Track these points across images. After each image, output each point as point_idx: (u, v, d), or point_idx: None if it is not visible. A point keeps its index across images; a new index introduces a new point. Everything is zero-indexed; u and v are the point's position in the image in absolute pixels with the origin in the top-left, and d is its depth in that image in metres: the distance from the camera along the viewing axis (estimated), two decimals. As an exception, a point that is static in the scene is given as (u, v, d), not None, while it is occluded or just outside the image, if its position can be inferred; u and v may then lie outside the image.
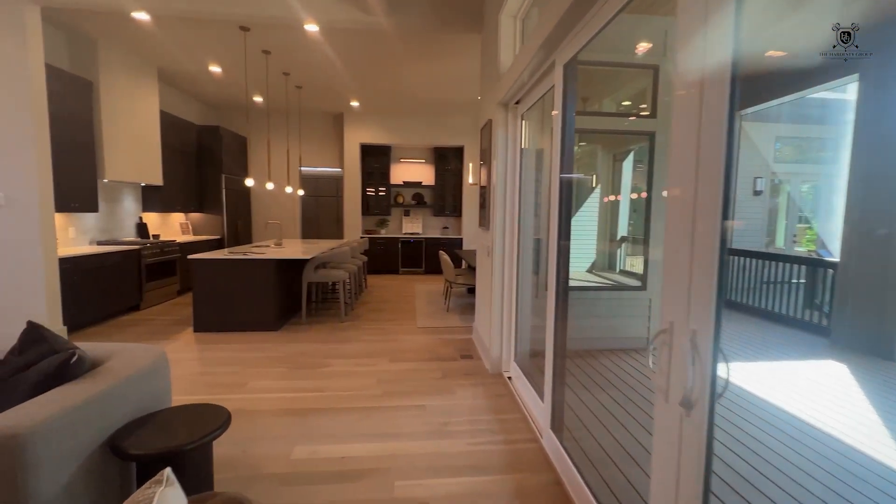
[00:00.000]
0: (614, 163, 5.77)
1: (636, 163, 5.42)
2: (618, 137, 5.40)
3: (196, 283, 4.28)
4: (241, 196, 7.88)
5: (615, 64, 4.07)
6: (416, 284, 7.39)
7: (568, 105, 2.04)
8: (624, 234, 5.97)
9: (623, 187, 5.68)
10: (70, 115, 4.43)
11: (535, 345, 3.36)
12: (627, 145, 5.36)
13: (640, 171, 5.42)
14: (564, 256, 2.16)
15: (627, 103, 5.11)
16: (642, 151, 5.02)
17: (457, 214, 8.89)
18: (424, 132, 8.38)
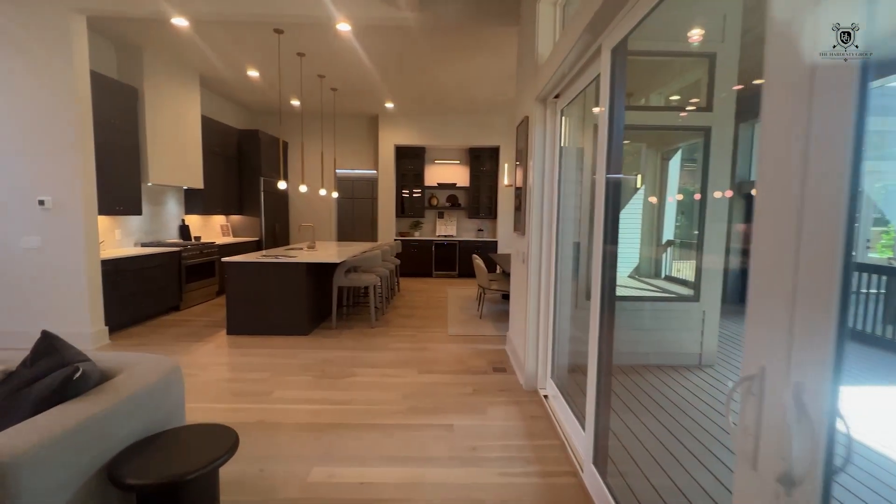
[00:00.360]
0: (661, 162, 5.37)
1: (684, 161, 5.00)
2: (665, 135, 5.01)
3: (229, 286, 4.30)
4: (279, 199, 8.00)
5: (665, 53, 3.72)
6: (449, 288, 7.21)
7: (616, 96, 1.79)
8: (670, 238, 5.55)
9: (669, 188, 5.27)
10: (116, 121, 4.58)
11: (574, 359, 3.09)
12: (675, 143, 4.95)
13: (687, 170, 4.99)
14: (611, 263, 1.91)
15: (675, 97, 4.72)
16: (690, 149, 4.61)
17: (492, 217, 8.66)
18: (459, 133, 8.20)
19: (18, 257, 3.76)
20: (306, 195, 8.51)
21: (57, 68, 3.63)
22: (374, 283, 4.67)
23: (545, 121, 2.89)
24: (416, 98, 6.96)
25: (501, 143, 8.22)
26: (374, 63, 5.38)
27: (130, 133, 4.81)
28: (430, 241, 8.42)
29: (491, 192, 8.60)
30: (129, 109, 4.78)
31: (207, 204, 6.36)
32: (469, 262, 8.30)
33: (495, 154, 8.51)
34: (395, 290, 6.59)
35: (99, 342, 3.92)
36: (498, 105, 7.39)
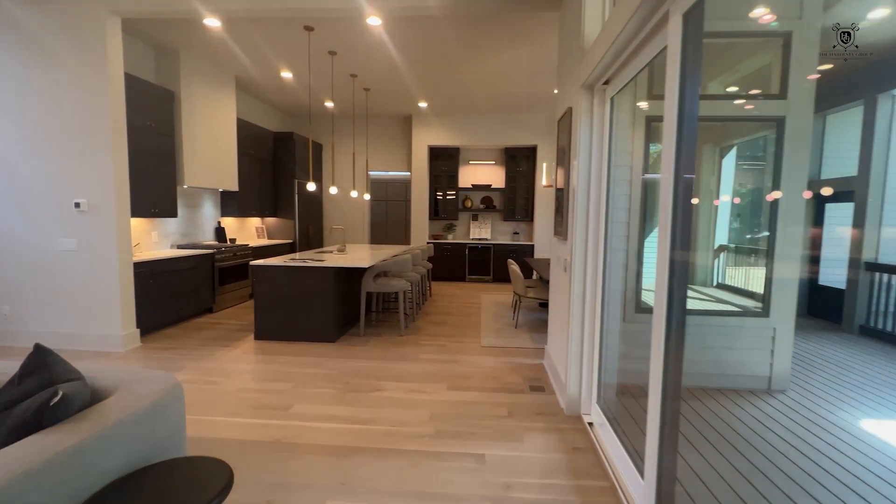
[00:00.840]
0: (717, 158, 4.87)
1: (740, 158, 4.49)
2: (722, 129, 4.51)
3: (257, 291, 4.21)
4: (313, 201, 7.99)
5: (732, 34, 3.29)
6: (483, 294, 6.92)
7: (688, 75, 1.46)
8: (723, 243, 5.03)
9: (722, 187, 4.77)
10: (152, 123, 4.61)
11: (623, 379, 2.73)
12: (732, 138, 4.45)
13: (745, 168, 4.49)
14: (680, 273, 1.58)
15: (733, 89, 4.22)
16: (748, 145, 4.11)
17: (528, 219, 8.28)
18: (494, 132, 7.90)
19: (55, 259, 3.82)
20: (340, 197, 8.48)
21: (92, 71, 3.65)
22: (403, 289, 4.46)
23: (592, 111, 2.56)
24: (450, 97, 6.73)
25: (539, 141, 7.85)
26: (406, 60, 5.19)
27: (167, 136, 4.84)
28: (464, 244, 8.16)
29: (527, 193, 8.24)
30: (165, 112, 4.82)
31: (242, 206, 6.39)
32: (504, 266, 7.97)
33: (532, 154, 8.14)
34: (426, 295, 6.37)
35: (130, 345, 3.92)
36: (535, 101, 7.03)
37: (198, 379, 3.19)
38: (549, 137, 7.81)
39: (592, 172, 2.56)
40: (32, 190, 3.78)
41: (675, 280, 1.55)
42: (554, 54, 4.88)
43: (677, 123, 1.46)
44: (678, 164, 1.46)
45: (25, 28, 3.64)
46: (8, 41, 3.68)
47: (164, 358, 3.67)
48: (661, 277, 1.57)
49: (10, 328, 3.92)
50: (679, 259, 1.54)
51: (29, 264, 3.85)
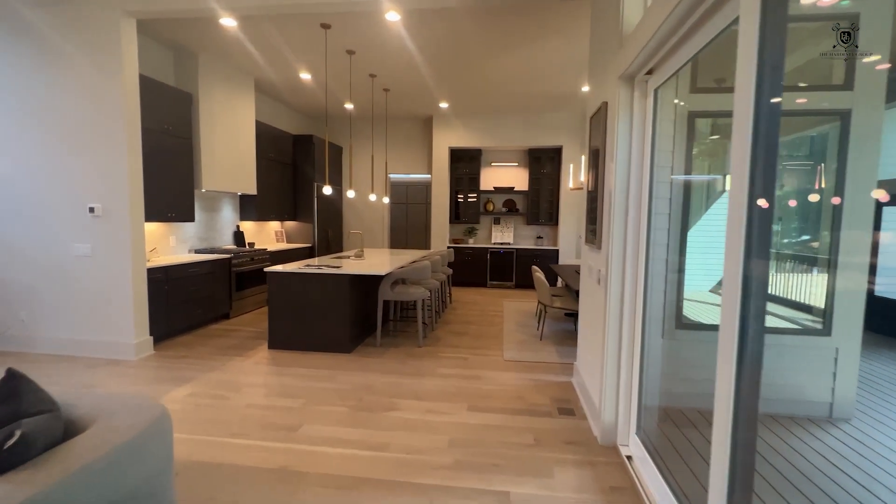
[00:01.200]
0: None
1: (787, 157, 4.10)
2: None
3: (271, 298, 4.07)
4: (332, 204, 7.89)
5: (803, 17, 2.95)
6: (506, 301, 6.64)
7: (768, 54, 1.19)
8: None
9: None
10: (170, 126, 4.55)
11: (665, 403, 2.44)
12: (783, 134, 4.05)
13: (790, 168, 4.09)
14: (758, 284, 1.30)
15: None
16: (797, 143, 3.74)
17: (552, 223, 7.96)
18: (518, 133, 7.62)
19: (71, 264, 3.76)
20: (359, 201, 8.36)
21: (107, 74, 3.59)
22: (422, 298, 4.24)
23: (632, 105, 2.28)
24: (471, 96, 6.50)
25: (564, 142, 7.53)
26: (426, 58, 4.99)
27: (184, 139, 4.78)
28: (486, 248, 7.91)
29: (552, 196, 7.92)
30: (183, 115, 4.76)
31: (261, 210, 6.31)
32: (527, 272, 7.68)
33: (557, 155, 7.83)
34: (446, 302, 6.15)
35: (142, 353, 3.83)
36: (560, 100, 6.73)
37: (206, 392, 3.05)
38: (576, 138, 7.49)
39: (632, 175, 2.29)
40: (48, 194, 3.75)
41: (750, 292, 1.28)
42: (581, 48, 4.60)
43: (754, 117, 1.19)
44: (754, 163, 1.19)
45: (38, 31, 3.61)
46: (21, 44, 3.65)
47: (174, 368, 3.56)
48: (731, 289, 1.30)
49: (27, 334, 3.89)
50: (756, 269, 1.26)
51: (45, 270, 3.81)
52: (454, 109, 7.29)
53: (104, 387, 3.14)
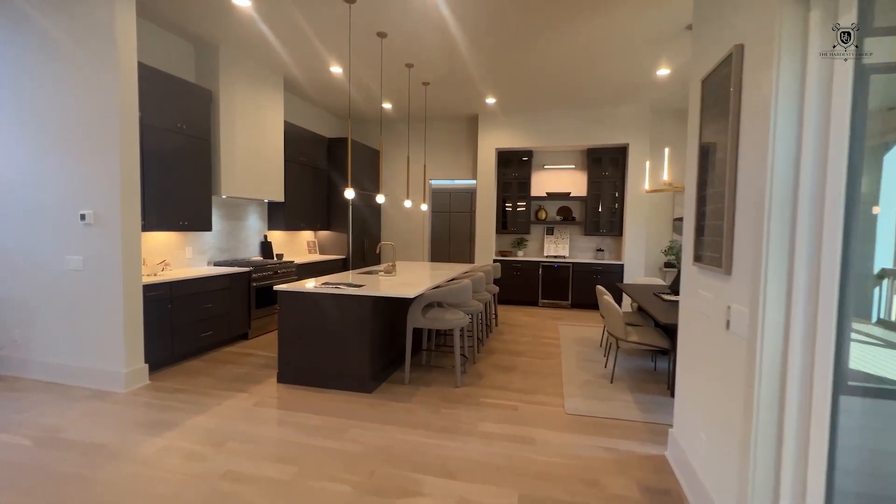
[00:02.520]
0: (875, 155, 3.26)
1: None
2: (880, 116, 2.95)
3: (281, 322, 3.43)
4: (370, 213, 7.31)
5: None
6: (561, 324, 5.67)
7: None
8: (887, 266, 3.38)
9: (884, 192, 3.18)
10: (185, 126, 4.10)
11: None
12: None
13: None
14: None
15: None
16: None
17: (615, 233, 6.89)
18: (575, 130, 6.67)
19: (63, 279, 3.32)
20: (398, 209, 7.73)
21: (99, 62, 3.13)
22: (459, 327, 3.43)
23: (805, 41, 1.36)
24: (522, 88, 5.67)
25: (631, 139, 6.48)
26: (469, 43, 4.24)
27: (201, 139, 4.32)
28: (537, 262, 6.96)
29: (615, 202, 6.87)
30: (200, 114, 4.30)
31: (290, 219, 5.80)
32: (585, 289, 6.66)
33: (621, 155, 6.78)
34: (491, 324, 5.28)
35: (134, 384, 3.29)
36: (626, 90, 5.73)
37: (181, 449, 2.40)
38: (643, 134, 6.42)
39: (807, 159, 1.36)
40: (39, 200, 3.33)
41: None
42: (652, 21, 3.65)
43: None
44: None
45: (21, 11, 3.21)
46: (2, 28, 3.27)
47: (162, 406, 2.97)
48: None
49: (20, 356, 3.48)
50: None
51: (40, 284, 3.40)
52: (502, 105, 6.48)
53: (73, 430, 2.59)
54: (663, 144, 6.62)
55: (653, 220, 6.78)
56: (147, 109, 3.71)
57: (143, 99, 3.65)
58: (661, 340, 3.37)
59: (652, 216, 6.77)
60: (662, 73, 4.99)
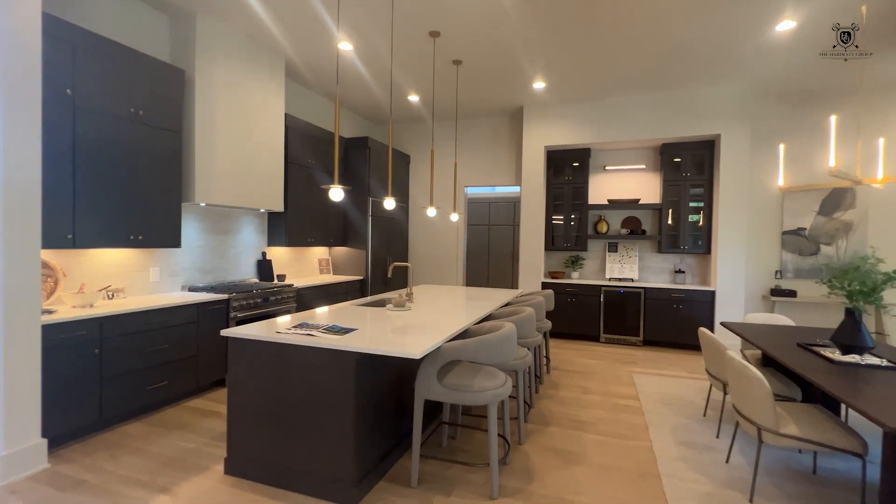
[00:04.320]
0: None
1: None
2: None
3: (231, 385, 2.31)
4: (394, 225, 6.23)
5: None
6: (636, 372, 4.23)
7: None
8: None
9: None
10: (145, 112, 3.18)
11: None
12: None
13: None
14: None
15: None
16: None
17: (700, 251, 5.37)
18: (647, 120, 5.29)
19: (-59, 316, 2.38)
20: (429, 222, 6.62)
21: (-19, 6, 2.21)
22: (495, 402, 2.16)
23: None
24: (581, 64, 4.40)
25: (723, 129, 5.01)
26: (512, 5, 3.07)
27: (168, 132, 3.38)
28: (597, 286, 5.56)
29: (700, 211, 5.37)
30: (168, 99, 3.38)
31: (293, 232, 4.80)
32: (662, 322, 5.15)
33: (708, 150, 5.30)
34: (542, 372, 3.94)
35: (20, 471, 2.27)
36: (718, 65, 4.31)
37: None
38: (744, 122, 4.94)
39: None
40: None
41: None
42: None
43: None
44: None
45: None
46: None
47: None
48: None
49: None
50: None
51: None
52: (554, 91, 5.22)
53: None
54: (772, 138, 5.10)
55: (753, 233, 5.21)
56: (82, 87, 2.80)
57: (77, 73, 2.76)
58: (847, 440, 1.94)
59: (753, 228, 5.21)
60: (785, 26, 3.57)
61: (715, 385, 2.92)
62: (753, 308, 5.22)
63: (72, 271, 3.04)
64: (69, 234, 2.76)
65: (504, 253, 7.87)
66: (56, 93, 2.67)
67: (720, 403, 3.14)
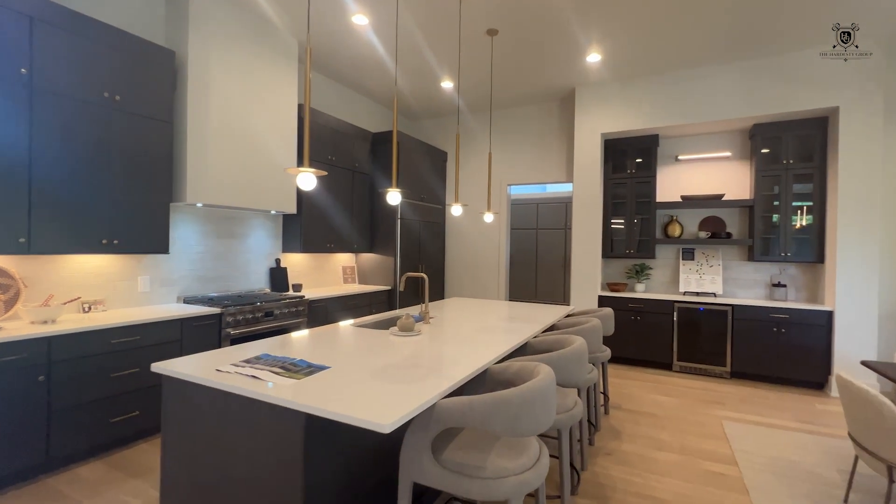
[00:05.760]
0: None
1: None
2: None
3: (164, 439, 1.73)
4: (429, 230, 5.59)
5: None
6: (726, 418, 3.21)
7: None
8: None
9: None
10: (122, 98, 2.76)
11: None
12: None
13: None
14: None
15: None
16: None
17: (808, 258, 4.18)
18: (733, 94, 4.23)
19: None
20: (472, 223, 5.92)
21: None
22: (521, 496, 1.38)
23: None
24: (643, 30, 3.50)
25: (841, 100, 3.85)
26: None
27: (153, 121, 2.96)
28: (669, 301, 4.53)
29: (807, 208, 4.20)
30: (153, 84, 2.95)
31: (307, 237, 4.28)
32: (756, 349, 4.01)
33: (819, 129, 4.14)
34: (598, 414, 3.06)
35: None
36: (836, 6, 3.22)
37: None
38: (874, 90, 3.76)
39: None
40: None
41: None
42: None
43: None
44: None
45: None
46: None
47: None
48: None
49: None
50: None
51: None
52: (611, 66, 4.33)
53: None
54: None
55: (891, 236, 3.97)
56: (42, 65, 2.40)
57: (35, 49, 2.38)
58: None
59: (889, 230, 3.97)
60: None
61: (869, 463, 1.93)
62: (893, 335, 3.95)
63: (39, 281, 2.66)
64: (21, 238, 2.36)
65: (555, 261, 6.96)
66: (8, 71, 2.28)
67: (871, 484, 2.12)
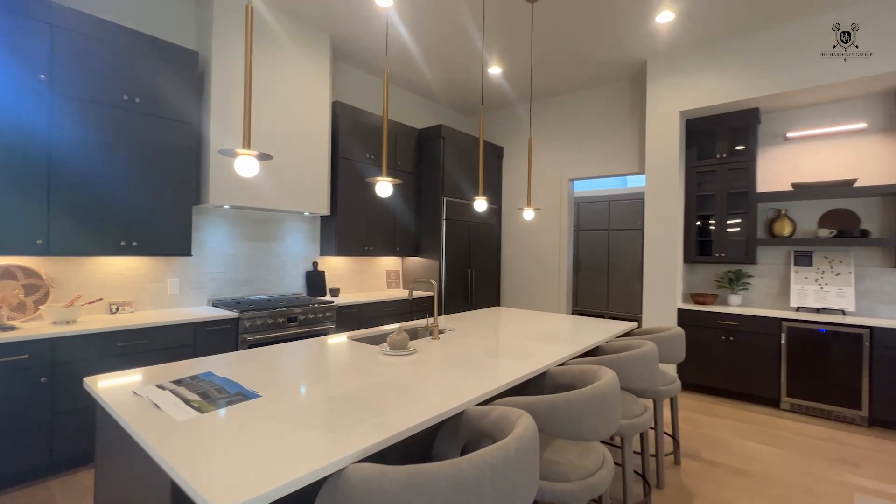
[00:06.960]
0: None
1: None
2: None
3: (97, 466, 1.53)
4: (482, 231, 5.16)
5: None
6: (857, 481, 2.29)
7: None
8: None
9: None
10: (142, 100, 2.77)
11: None
12: None
13: None
14: None
15: None
16: None
17: None
18: (864, 41, 3.16)
19: None
20: (529, 222, 5.38)
21: None
22: None
23: None
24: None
25: None
26: None
27: (174, 122, 2.94)
28: (775, 319, 3.54)
29: None
30: (174, 85, 2.94)
31: (343, 239, 4.09)
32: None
33: None
34: (660, 466, 2.36)
35: None
36: None
37: None
38: None
39: None
40: None
41: None
42: None
43: None
44: None
45: None
46: None
47: None
48: None
49: None
50: None
51: None
52: (689, 26, 3.52)
53: None
54: None
55: None
56: (61, 71, 2.46)
57: (55, 56, 2.46)
58: None
59: None
60: None
61: None
62: None
63: (67, 282, 2.74)
64: (39, 240, 2.41)
65: (631, 267, 6.07)
66: (27, 77, 2.34)
67: None
